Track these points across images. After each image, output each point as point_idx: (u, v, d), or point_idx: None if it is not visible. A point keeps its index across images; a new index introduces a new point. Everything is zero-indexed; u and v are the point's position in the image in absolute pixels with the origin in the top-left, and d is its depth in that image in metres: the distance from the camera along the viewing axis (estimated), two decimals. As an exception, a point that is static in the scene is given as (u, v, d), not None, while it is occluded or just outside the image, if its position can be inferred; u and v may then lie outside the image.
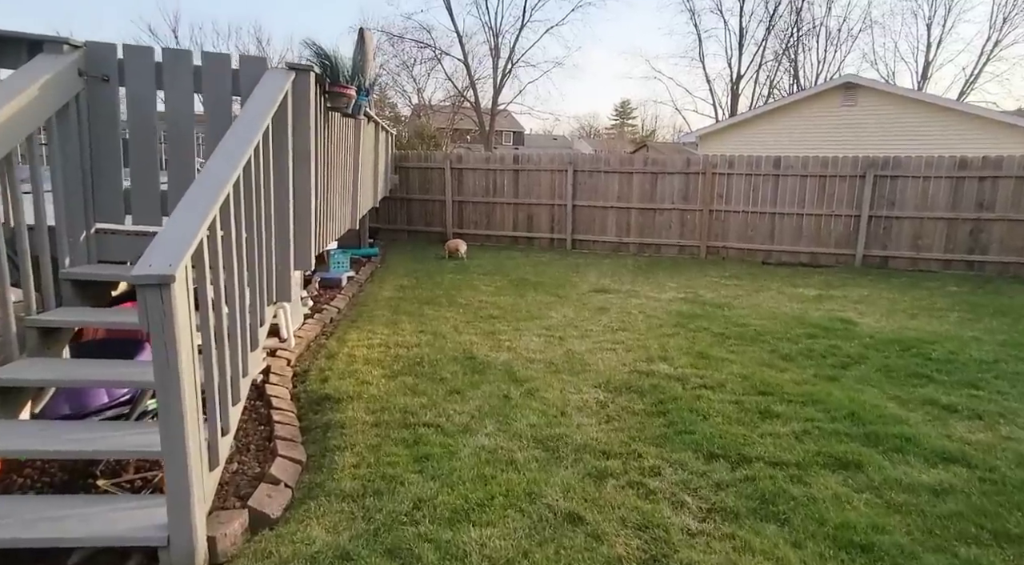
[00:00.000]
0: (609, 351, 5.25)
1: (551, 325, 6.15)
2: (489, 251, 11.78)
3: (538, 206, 12.52)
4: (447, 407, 3.94)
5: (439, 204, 12.99)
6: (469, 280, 8.66)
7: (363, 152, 6.63)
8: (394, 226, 13.27)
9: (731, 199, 11.36)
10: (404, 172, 13.02)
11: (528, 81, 40.28)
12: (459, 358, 5.00)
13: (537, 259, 10.91)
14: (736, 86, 32.30)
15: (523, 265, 10.14)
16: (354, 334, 5.74)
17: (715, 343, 5.51)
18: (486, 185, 12.71)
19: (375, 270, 9.54)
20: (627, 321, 6.35)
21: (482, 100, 36.39)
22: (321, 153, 4.35)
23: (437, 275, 9.02)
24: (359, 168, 6.36)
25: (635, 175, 11.86)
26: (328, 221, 5.01)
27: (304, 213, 3.72)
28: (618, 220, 12.10)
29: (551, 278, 8.98)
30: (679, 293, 7.96)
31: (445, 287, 8.11)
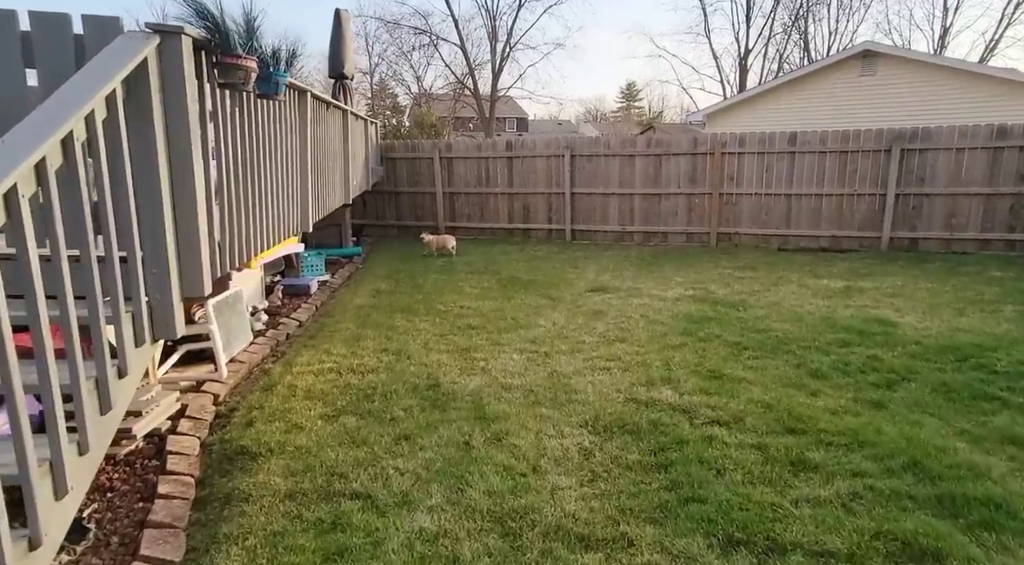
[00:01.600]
0: (602, 371, 4.34)
1: (537, 337, 5.25)
2: (482, 245, 10.86)
3: (534, 195, 11.57)
4: (388, 463, 3.07)
5: (429, 197, 12.08)
6: (454, 281, 7.77)
7: (315, 142, 5.74)
8: (382, 222, 12.39)
9: (743, 181, 10.34)
10: (391, 163, 12.11)
11: (528, 64, 39.18)
12: (420, 387, 4.12)
13: (532, 253, 9.98)
14: (744, 61, 30.91)
15: (516, 261, 9.23)
16: (306, 356, 4.88)
17: (730, 356, 4.58)
18: (478, 174, 11.77)
19: (354, 272, 8.68)
20: (626, 329, 5.43)
21: (483, 87, 35.30)
22: (229, 145, 3.46)
23: (421, 276, 8.14)
24: (311, 162, 5.47)
25: (638, 158, 10.87)
26: (255, 229, 4.13)
27: (190, 226, 2.85)
28: (620, 208, 11.12)
29: (545, 276, 8.07)
30: (687, 290, 7.01)
31: (426, 291, 7.23)
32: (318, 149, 5.90)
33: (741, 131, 10.53)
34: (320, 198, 6.20)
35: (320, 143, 6.06)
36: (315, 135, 5.72)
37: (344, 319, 6.03)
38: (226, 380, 4.34)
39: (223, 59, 2.93)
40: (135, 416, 3.35)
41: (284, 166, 4.72)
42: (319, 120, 5.91)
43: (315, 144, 5.73)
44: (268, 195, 4.39)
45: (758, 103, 16.76)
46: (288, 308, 6.51)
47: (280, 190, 4.69)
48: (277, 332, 5.60)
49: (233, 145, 3.57)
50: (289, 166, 4.87)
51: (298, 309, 6.47)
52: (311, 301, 6.81)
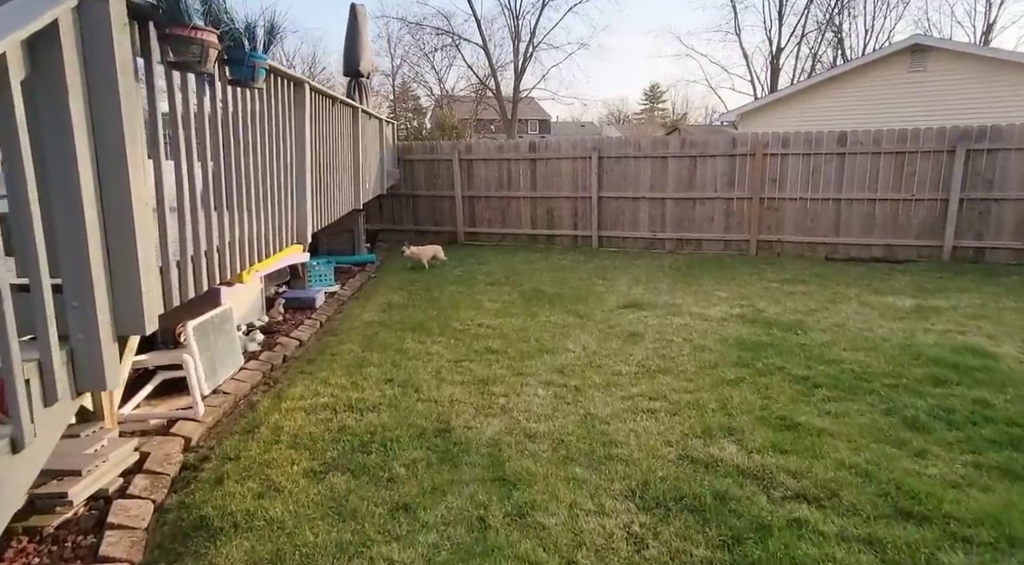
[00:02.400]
0: (646, 414, 3.59)
1: (565, 365, 4.53)
2: (504, 253, 10.16)
3: (559, 199, 10.84)
4: (380, 551, 2.37)
5: (448, 200, 11.41)
6: (472, 294, 7.08)
7: (317, 141, 5.08)
8: (399, 226, 11.76)
9: (786, 184, 9.48)
10: (408, 165, 11.48)
11: (552, 65, 38.36)
12: (428, 432, 3.42)
13: (558, 262, 9.25)
14: (776, 60, 29.71)
15: (540, 270, 8.50)
16: (300, 386, 4.21)
17: (799, 396, 3.80)
18: (499, 177, 11.08)
19: (366, 282, 8.04)
20: (669, 356, 4.67)
21: (505, 89, 34.67)
22: (200, 142, 2.80)
23: (437, 287, 7.46)
24: (311, 163, 4.82)
25: (670, 160, 10.07)
26: (244, 239, 3.48)
27: (124, 241, 2.20)
28: (651, 212, 10.33)
29: (572, 288, 7.34)
30: (733, 307, 6.23)
31: (441, 305, 6.55)
32: (320, 149, 5.25)
33: (776, 130, 9.66)
34: (323, 203, 5.55)
35: (324, 142, 5.41)
36: (317, 133, 5.08)
37: (349, 338, 5.37)
38: (203, 418, 3.69)
39: (172, 30, 2.26)
40: (73, 476, 2.70)
41: (275, 168, 4.07)
42: (321, 117, 5.26)
43: (317, 143, 5.08)
44: (256, 201, 3.74)
45: (795, 102, 15.81)
46: (289, 324, 5.88)
47: (271, 195, 4.04)
48: (273, 354, 4.96)
49: (203, 142, 2.91)
50: (282, 168, 4.22)
51: (300, 326, 5.82)
52: (315, 316, 6.17)
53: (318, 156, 5.15)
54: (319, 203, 5.31)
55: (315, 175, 5.05)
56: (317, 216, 5.30)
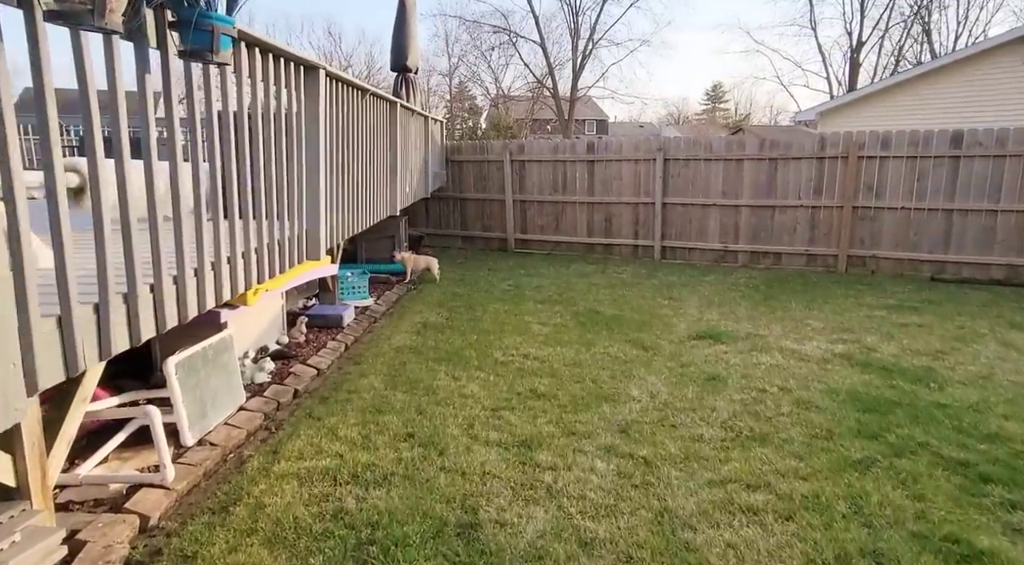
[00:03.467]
0: (746, 515, 2.59)
1: (630, 421, 3.56)
2: (557, 264, 9.22)
3: (618, 205, 9.80)
4: None
5: (498, 204, 10.55)
6: (520, 314, 6.18)
7: (337, 137, 4.27)
8: (446, 231, 10.99)
9: (885, 190, 8.15)
10: (456, 167, 10.69)
11: (611, 62, 36.96)
12: (448, 527, 2.53)
13: (616, 275, 8.24)
14: (856, 55, 27.40)
15: (597, 286, 7.52)
16: (303, 438, 3.41)
17: (965, 497, 2.70)
18: (553, 180, 10.13)
19: (403, 295, 7.25)
20: (764, 414, 3.64)
21: (562, 88, 33.62)
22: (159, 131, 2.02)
23: (480, 305, 6.60)
24: (325, 164, 4.02)
25: (746, 162, 8.89)
26: (244, 255, 2.68)
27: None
28: (723, 221, 9.17)
29: (633, 309, 6.33)
30: (833, 341, 5.09)
31: (484, 327, 5.68)
32: (343, 148, 4.46)
33: (866, 129, 8.32)
34: (348, 210, 4.75)
35: (348, 140, 4.62)
36: (337, 129, 4.28)
37: (373, 369, 4.56)
38: (174, 485, 2.92)
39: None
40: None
41: (278, 170, 3.28)
42: (344, 111, 4.45)
43: (337, 142, 4.28)
44: (255, 208, 2.95)
45: (883, 99, 14.17)
46: (310, 347, 5.13)
47: (278, 202, 3.25)
48: (282, 388, 4.20)
49: (155, 128, 2.12)
50: (286, 170, 3.43)
51: (322, 349, 5.06)
52: (341, 337, 5.40)
53: (340, 156, 4.35)
54: (341, 210, 4.52)
55: (336, 179, 4.26)
56: (340, 225, 4.51)
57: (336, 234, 4.45)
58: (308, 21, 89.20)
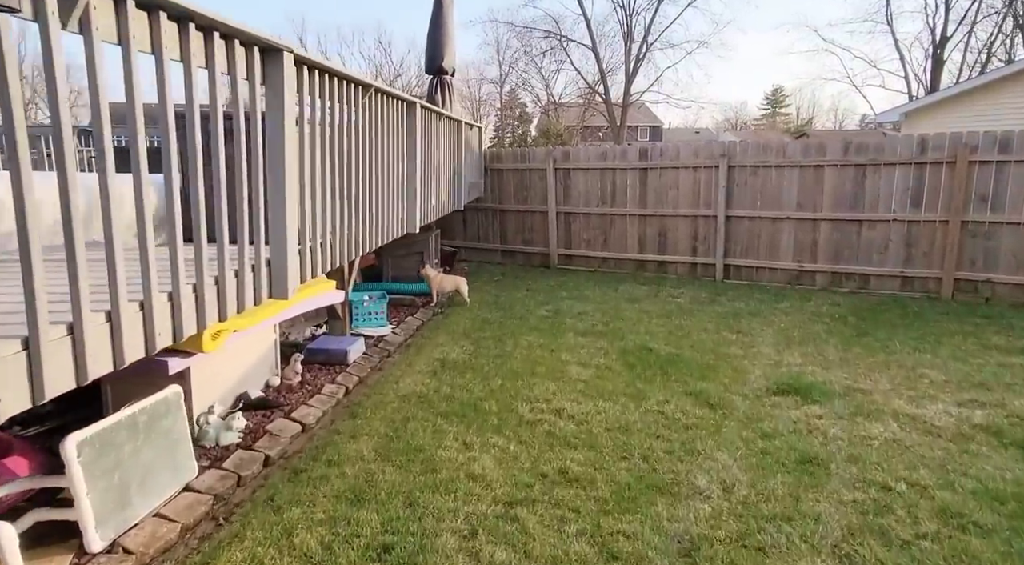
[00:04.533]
0: None
1: (696, 537, 2.49)
2: (604, 284, 8.14)
3: (674, 218, 8.65)
4: None
5: (540, 217, 9.57)
6: (557, 349, 5.17)
7: (313, 141, 3.36)
8: (484, 245, 10.07)
9: (1004, 202, 6.73)
10: (496, 176, 9.78)
11: (667, 66, 35.26)
12: None
13: (672, 300, 7.10)
14: (939, 52, 24.95)
15: (649, 314, 6.42)
16: (245, 545, 2.50)
17: None
18: (601, 190, 9.07)
19: (428, 321, 6.35)
20: (893, 532, 2.49)
21: (615, 94, 32.39)
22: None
23: (512, 335, 5.62)
24: (293, 174, 3.13)
25: (827, 169, 7.60)
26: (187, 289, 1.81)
27: None
28: (798, 237, 7.90)
29: (694, 346, 5.22)
30: (964, 404, 3.85)
31: (512, 367, 4.71)
32: (331, 155, 3.57)
33: (956, 130, 6.91)
34: (345, 231, 3.86)
35: (343, 146, 3.74)
36: (318, 130, 3.39)
37: (367, 427, 3.64)
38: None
39: None
40: None
41: (232, 177, 2.41)
42: (330, 109, 3.56)
43: (321, 146, 3.40)
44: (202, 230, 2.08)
45: (985, 95, 12.42)
46: (303, 392, 4.27)
47: (242, 221, 2.37)
48: (251, 454, 3.33)
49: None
50: (234, 178, 2.55)
51: (316, 395, 4.19)
52: (343, 378, 4.53)
53: (326, 166, 3.47)
54: (330, 231, 3.62)
55: (319, 193, 3.37)
56: (329, 249, 3.62)
57: (323, 260, 3.55)
58: (359, 32, 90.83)
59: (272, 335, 4.46)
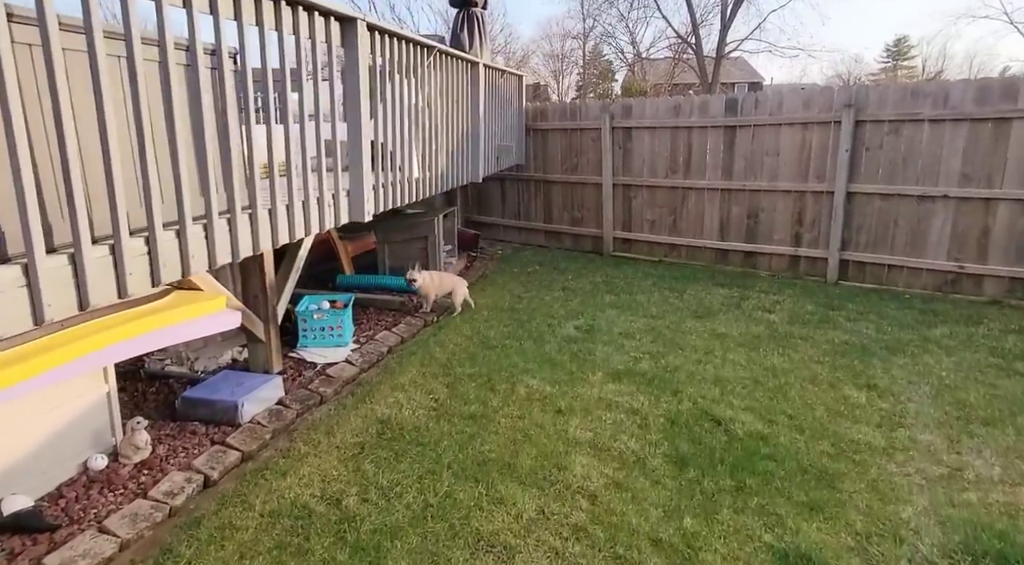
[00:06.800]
0: None
1: None
2: (669, 280, 6.02)
3: (770, 194, 6.31)
4: None
5: (592, 190, 7.47)
6: (569, 409, 3.25)
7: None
8: (526, 223, 8.11)
9: None
10: (540, 137, 7.73)
11: (772, 9, 30.22)
12: None
13: (761, 315, 4.91)
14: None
15: (724, 341, 4.30)
16: None
17: None
18: (672, 155, 6.83)
19: (409, 338, 4.57)
20: None
21: (709, 46, 28.59)
22: None
23: (510, 374, 3.75)
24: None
25: (1017, 124, 5.02)
26: None
27: None
28: (959, 223, 5.39)
29: (794, 416, 3.12)
30: None
31: (483, 446, 2.87)
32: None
33: None
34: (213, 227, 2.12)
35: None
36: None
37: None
38: None
39: None
40: None
41: None
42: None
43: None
44: None
45: None
46: (126, 491, 2.63)
47: None
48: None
49: None
50: None
51: (140, 498, 2.54)
52: (212, 456, 2.85)
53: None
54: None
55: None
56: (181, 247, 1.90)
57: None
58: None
59: (100, 387, 2.83)
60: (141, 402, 3.40)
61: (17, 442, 2.46)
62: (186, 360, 3.84)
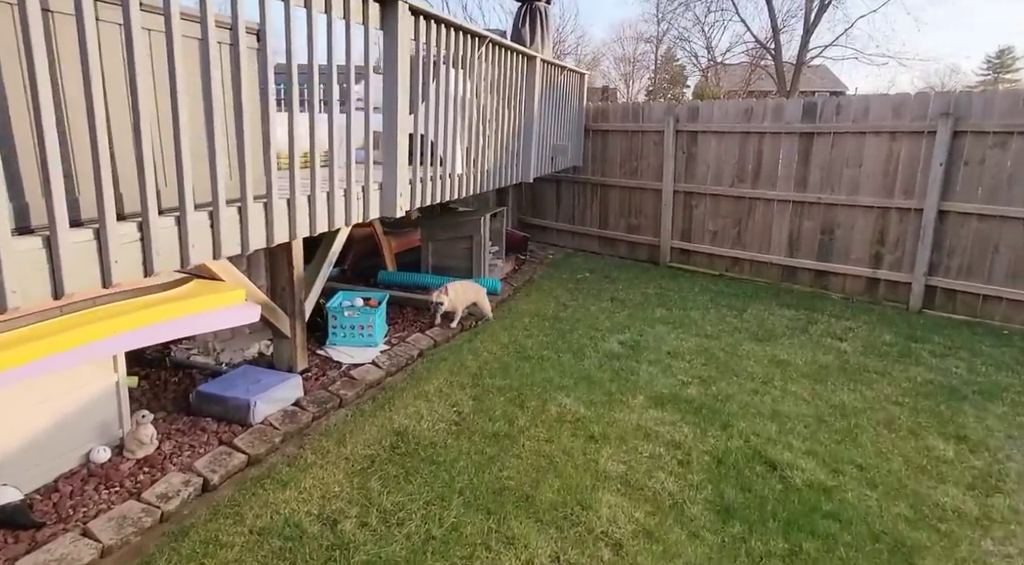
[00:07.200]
0: None
1: None
2: (724, 301, 5.55)
3: (849, 209, 5.73)
4: None
5: (652, 196, 7.04)
6: (601, 435, 2.92)
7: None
8: (580, 228, 7.76)
9: None
10: (599, 138, 7.38)
11: (860, 15, 28.35)
12: None
13: (832, 342, 4.39)
14: None
15: (787, 370, 3.84)
16: None
17: None
18: (740, 163, 6.33)
19: (443, 342, 4.33)
20: None
21: (790, 52, 27.22)
22: None
23: (542, 390, 3.45)
24: None
25: None
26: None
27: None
28: (1073, 253, 4.68)
29: (865, 467, 2.67)
30: None
31: (504, 471, 2.60)
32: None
33: None
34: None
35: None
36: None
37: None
38: None
39: None
40: None
41: None
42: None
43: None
44: None
45: None
46: (134, 478, 2.51)
47: None
48: None
49: None
50: None
51: (134, 498, 2.39)
52: (215, 459, 2.69)
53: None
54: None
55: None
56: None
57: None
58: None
59: (109, 376, 2.72)
60: (161, 392, 3.29)
61: (15, 430, 2.36)
62: (212, 351, 3.74)
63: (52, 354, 2.23)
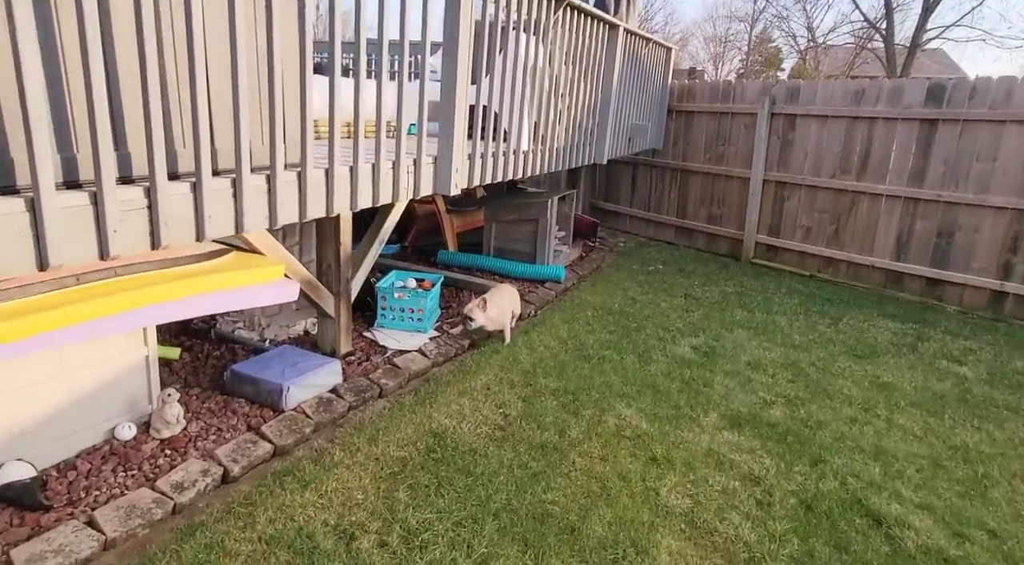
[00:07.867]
0: None
1: None
2: (819, 304, 4.92)
3: (975, 209, 4.91)
4: None
5: (738, 184, 6.40)
6: (664, 458, 2.51)
7: None
8: (656, 216, 7.21)
9: None
10: (682, 119, 6.78)
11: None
12: None
13: (948, 365, 3.73)
14: None
15: (892, 395, 3.25)
16: None
17: None
18: (844, 151, 5.59)
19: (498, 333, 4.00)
20: None
21: (903, 34, 24.75)
22: None
23: (600, 395, 3.07)
24: None
25: None
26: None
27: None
28: None
29: (994, 530, 2.12)
30: None
31: (546, 494, 2.24)
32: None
33: None
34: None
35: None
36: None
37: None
38: None
39: None
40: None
41: None
42: None
43: None
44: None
45: None
46: (165, 457, 2.35)
47: None
48: None
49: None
50: None
51: (152, 482, 2.22)
52: (239, 447, 2.49)
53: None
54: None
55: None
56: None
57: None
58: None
59: (139, 348, 2.56)
60: (201, 366, 3.15)
61: (37, 401, 2.22)
62: (257, 325, 3.58)
63: (68, 325, 2.06)
